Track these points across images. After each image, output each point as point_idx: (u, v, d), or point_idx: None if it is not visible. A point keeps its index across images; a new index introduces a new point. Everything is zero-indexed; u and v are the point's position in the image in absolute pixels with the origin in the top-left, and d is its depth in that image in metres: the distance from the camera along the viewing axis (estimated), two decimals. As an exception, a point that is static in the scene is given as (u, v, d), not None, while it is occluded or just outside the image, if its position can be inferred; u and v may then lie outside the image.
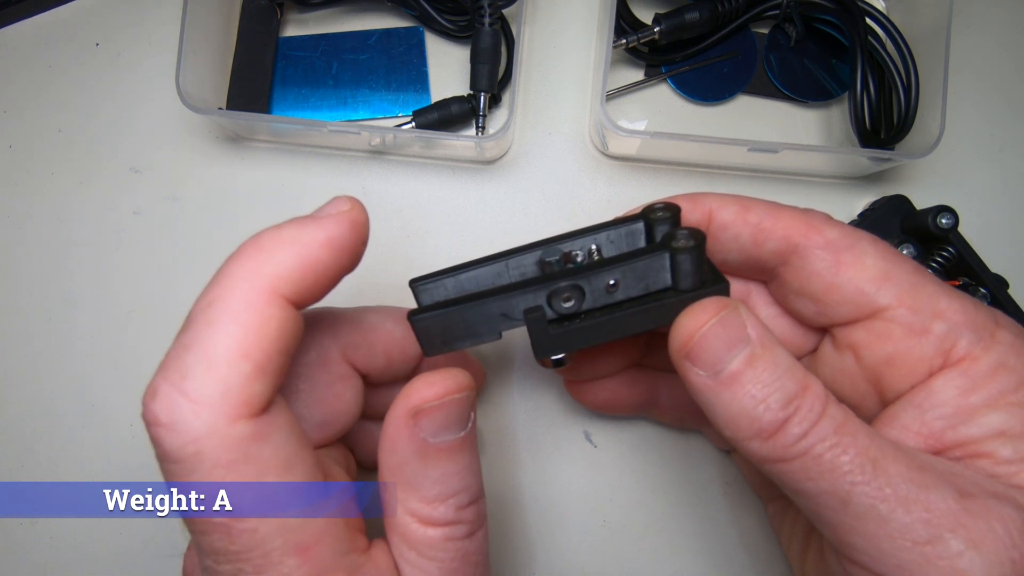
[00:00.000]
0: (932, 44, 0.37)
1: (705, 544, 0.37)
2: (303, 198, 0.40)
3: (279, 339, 0.21)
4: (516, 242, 0.40)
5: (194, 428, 0.19)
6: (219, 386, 0.19)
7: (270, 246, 0.22)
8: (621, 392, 0.34)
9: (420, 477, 0.24)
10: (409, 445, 0.23)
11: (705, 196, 0.28)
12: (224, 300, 0.21)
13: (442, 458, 0.24)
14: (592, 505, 0.37)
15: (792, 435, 0.22)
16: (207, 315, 0.20)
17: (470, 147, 0.39)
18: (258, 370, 0.20)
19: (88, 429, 0.39)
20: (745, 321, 0.23)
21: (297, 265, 0.21)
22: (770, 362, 0.23)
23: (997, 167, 0.41)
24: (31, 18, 0.42)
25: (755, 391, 0.22)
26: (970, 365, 0.24)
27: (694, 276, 0.24)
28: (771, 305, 0.29)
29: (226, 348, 0.20)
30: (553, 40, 0.42)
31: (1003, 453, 0.23)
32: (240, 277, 0.21)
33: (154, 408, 0.20)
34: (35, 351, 0.40)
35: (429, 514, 0.24)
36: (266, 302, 0.21)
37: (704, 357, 0.23)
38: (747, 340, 0.23)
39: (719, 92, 0.41)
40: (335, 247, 0.22)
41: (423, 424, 0.23)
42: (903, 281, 0.25)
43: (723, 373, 0.23)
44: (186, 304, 0.39)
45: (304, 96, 0.41)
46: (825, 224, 0.26)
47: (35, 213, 0.41)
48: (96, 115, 0.41)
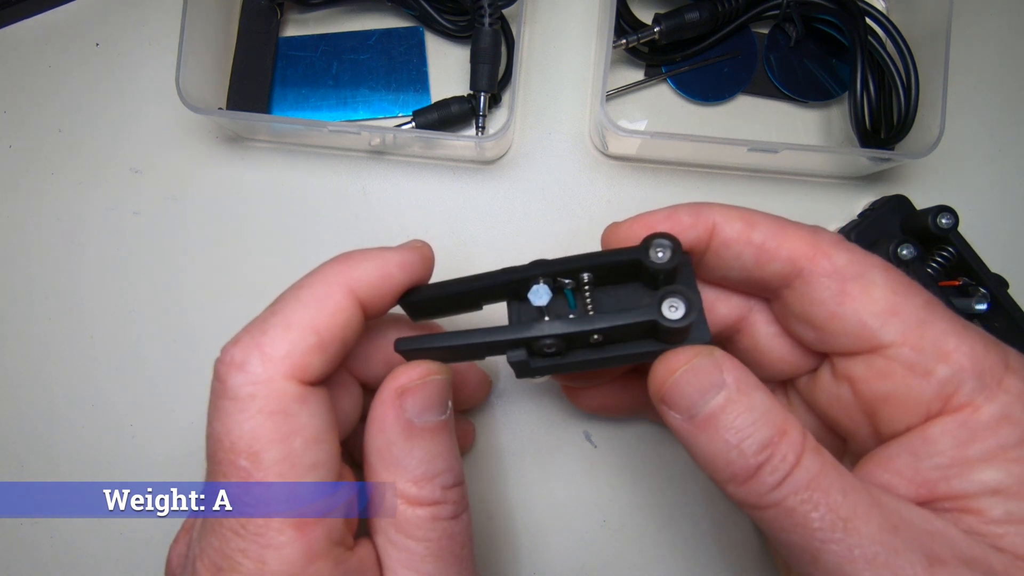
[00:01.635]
0: (932, 44, 0.37)
1: (705, 544, 0.37)
2: (303, 198, 0.40)
3: (343, 328, 0.24)
4: (516, 242, 0.40)
5: (257, 373, 0.23)
6: (287, 346, 0.23)
7: (358, 257, 0.26)
8: (616, 397, 0.34)
9: (406, 456, 0.25)
10: (396, 425, 0.25)
11: (709, 209, 0.26)
12: (311, 287, 0.25)
13: (425, 438, 0.26)
14: (592, 505, 0.37)
15: (766, 484, 0.22)
16: (296, 295, 0.24)
17: (470, 147, 0.39)
18: (320, 345, 0.23)
19: (88, 429, 0.39)
20: (720, 366, 0.23)
21: (375, 275, 0.25)
22: (745, 407, 0.23)
23: (997, 167, 0.41)
24: (31, 18, 0.42)
25: (728, 436, 0.23)
26: (971, 414, 0.23)
27: (677, 337, 0.24)
28: (772, 324, 0.28)
29: (301, 320, 0.24)
30: (553, 40, 0.42)
31: (994, 513, 0.22)
32: (329, 273, 0.25)
33: (232, 350, 0.23)
34: (35, 351, 0.40)
35: (416, 494, 0.25)
36: (343, 296, 0.24)
37: (678, 402, 0.24)
38: (721, 385, 0.23)
39: (719, 92, 0.41)
40: (406, 269, 0.26)
41: (408, 404, 0.25)
42: (911, 317, 0.24)
43: (697, 417, 0.23)
44: (186, 303, 0.40)
45: (304, 96, 0.41)
46: (834, 248, 0.25)
47: (35, 213, 0.41)
48: (96, 115, 0.41)
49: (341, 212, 0.40)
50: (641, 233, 0.26)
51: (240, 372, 0.23)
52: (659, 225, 0.26)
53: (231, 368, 0.23)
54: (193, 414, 0.39)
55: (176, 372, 0.39)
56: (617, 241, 0.27)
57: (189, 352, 0.39)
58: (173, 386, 0.39)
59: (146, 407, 0.39)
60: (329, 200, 0.40)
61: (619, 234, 0.27)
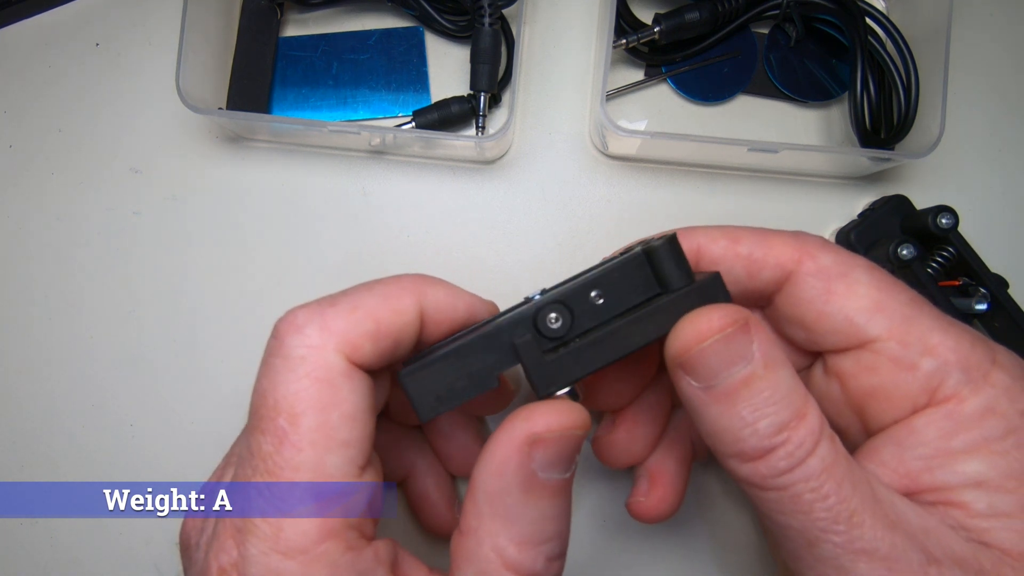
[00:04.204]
0: (932, 44, 0.37)
1: (704, 544, 0.37)
2: (303, 198, 0.40)
3: (400, 328, 0.25)
4: (516, 242, 0.40)
5: (313, 338, 0.23)
6: (346, 324, 0.24)
7: (435, 280, 0.27)
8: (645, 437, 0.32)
9: (520, 511, 0.23)
10: (517, 474, 0.22)
11: (692, 232, 0.27)
12: (385, 283, 0.26)
13: (545, 496, 0.23)
14: (592, 505, 0.37)
15: (776, 468, 0.22)
16: (369, 286, 0.26)
17: (470, 147, 0.39)
18: (376, 334, 0.24)
19: (88, 429, 0.39)
20: (753, 338, 0.22)
21: (444, 301, 0.26)
22: (769, 385, 0.22)
23: (997, 167, 0.41)
24: (31, 18, 0.42)
25: (746, 413, 0.22)
26: (956, 406, 0.23)
27: (678, 270, 0.23)
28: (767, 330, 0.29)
29: (366, 305, 0.24)
30: (553, 40, 0.42)
31: (977, 506, 0.22)
32: (405, 279, 0.26)
33: (296, 313, 0.24)
34: (35, 351, 0.40)
35: (516, 558, 0.22)
36: (411, 301, 0.25)
37: (700, 371, 0.22)
38: (749, 359, 0.22)
39: (719, 92, 0.41)
40: (469, 306, 0.27)
41: (538, 455, 0.22)
42: (896, 313, 0.24)
43: (716, 388, 0.22)
44: (186, 303, 0.40)
45: (304, 96, 0.41)
46: (819, 249, 0.25)
47: (35, 213, 0.41)
48: (96, 115, 0.41)
49: (341, 212, 0.40)
50: None
51: (298, 334, 0.23)
52: None
53: (291, 328, 0.24)
54: (193, 414, 0.39)
55: (176, 372, 0.39)
56: None
57: (189, 352, 0.39)
58: (173, 386, 0.39)
59: (146, 407, 0.39)
60: (329, 200, 0.40)
61: None
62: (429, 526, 0.35)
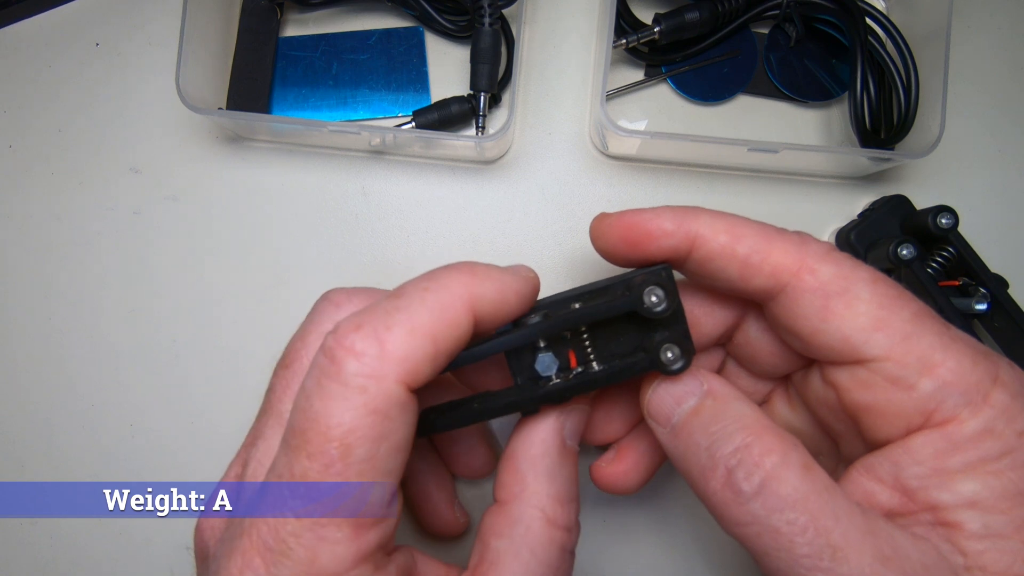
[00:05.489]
0: (932, 44, 0.37)
1: (704, 544, 0.37)
2: (303, 198, 0.40)
3: (455, 342, 0.24)
4: (516, 241, 0.40)
5: (373, 367, 0.22)
6: (407, 349, 0.22)
7: (483, 273, 0.25)
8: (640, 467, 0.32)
9: (558, 471, 0.26)
10: (556, 439, 0.26)
11: (696, 218, 0.26)
12: (438, 292, 0.24)
13: (570, 461, 0.27)
14: (592, 505, 0.37)
15: (743, 492, 0.22)
16: (422, 296, 0.23)
17: (470, 147, 0.39)
18: (435, 356, 0.23)
19: (88, 429, 0.39)
20: (700, 377, 0.25)
21: (495, 296, 0.25)
22: (717, 411, 0.24)
23: (997, 167, 0.41)
24: (31, 18, 0.42)
25: (700, 439, 0.24)
26: (954, 428, 0.23)
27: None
28: (761, 319, 0.28)
29: (424, 325, 0.23)
30: (553, 40, 0.42)
31: (972, 527, 0.22)
32: (456, 282, 0.24)
33: (353, 336, 0.22)
34: (35, 351, 0.40)
35: (554, 513, 0.25)
36: (464, 311, 0.24)
37: (658, 413, 0.25)
38: (695, 393, 0.25)
39: (719, 92, 0.41)
40: (519, 297, 0.25)
41: (568, 423, 0.26)
42: (896, 331, 0.23)
43: (675, 425, 0.25)
44: (186, 303, 0.40)
45: (304, 96, 0.41)
46: (820, 262, 0.25)
47: (35, 213, 0.41)
48: (96, 115, 0.41)
49: (341, 212, 0.40)
50: (627, 232, 0.27)
51: (357, 361, 0.22)
52: (644, 224, 0.26)
53: (349, 354, 0.22)
54: (193, 414, 0.39)
55: (176, 372, 0.39)
56: (603, 236, 0.28)
57: (189, 352, 0.39)
58: (173, 386, 0.39)
59: (146, 407, 0.39)
60: (329, 200, 0.40)
61: (605, 230, 0.28)
62: (430, 526, 0.35)
